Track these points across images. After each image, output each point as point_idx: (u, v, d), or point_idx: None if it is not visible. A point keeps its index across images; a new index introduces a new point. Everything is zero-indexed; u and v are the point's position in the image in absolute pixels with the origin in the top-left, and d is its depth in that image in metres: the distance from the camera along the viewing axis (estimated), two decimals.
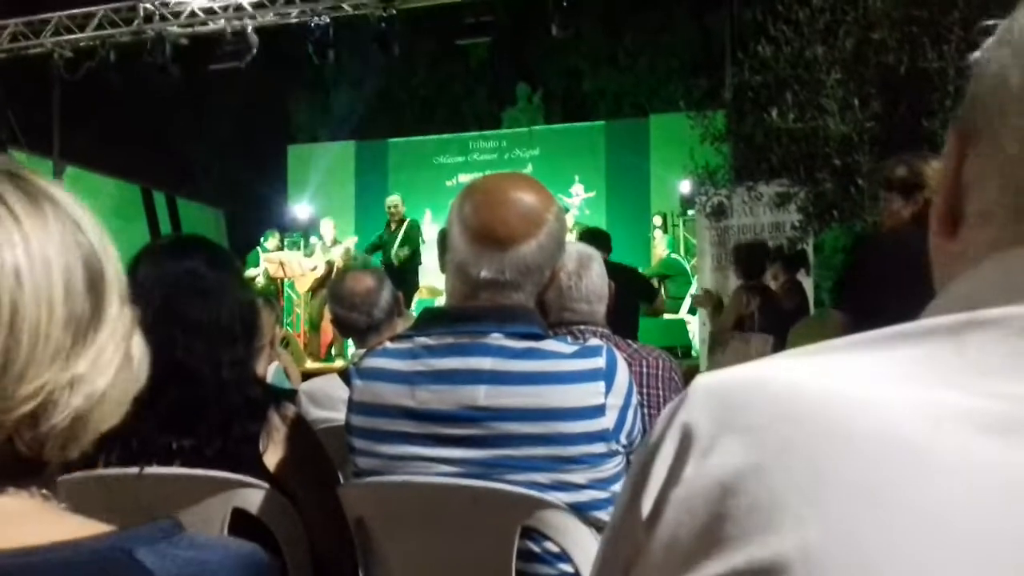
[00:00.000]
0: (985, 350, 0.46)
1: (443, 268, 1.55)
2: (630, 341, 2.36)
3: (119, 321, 0.69)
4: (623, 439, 1.47)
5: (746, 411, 0.48)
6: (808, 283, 5.50)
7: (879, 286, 2.63)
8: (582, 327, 2.13)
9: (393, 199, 9.63)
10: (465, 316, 1.48)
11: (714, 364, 5.34)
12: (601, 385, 1.42)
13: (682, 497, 0.48)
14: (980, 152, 0.53)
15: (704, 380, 0.51)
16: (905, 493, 0.42)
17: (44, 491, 0.66)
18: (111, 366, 0.67)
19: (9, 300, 0.61)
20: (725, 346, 5.01)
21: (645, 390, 2.19)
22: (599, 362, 1.44)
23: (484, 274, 1.45)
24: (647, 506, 0.50)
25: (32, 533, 0.62)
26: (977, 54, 0.57)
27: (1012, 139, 0.50)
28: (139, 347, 0.72)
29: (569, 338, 1.52)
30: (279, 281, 9.79)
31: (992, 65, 0.53)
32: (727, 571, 0.44)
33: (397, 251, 9.03)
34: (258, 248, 10.18)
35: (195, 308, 1.59)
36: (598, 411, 1.42)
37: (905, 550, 0.41)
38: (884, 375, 0.46)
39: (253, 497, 1.58)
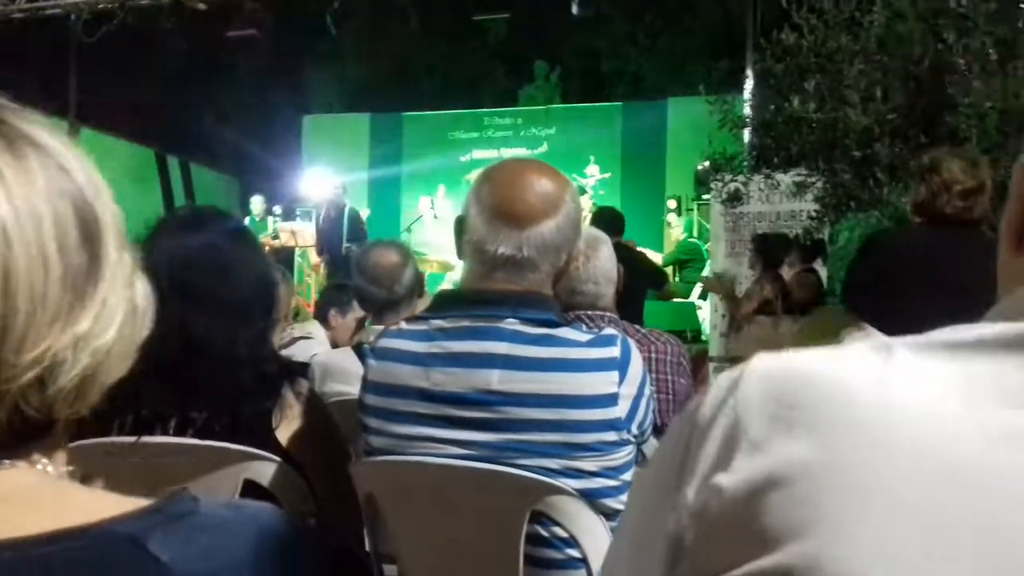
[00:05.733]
0: None
1: (460, 254, 1.55)
2: (639, 326, 2.37)
3: (119, 268, 0.62)
4: (634, 429, 1.47)
5: (800, 408, 0.47)
6: (823, 273, 5.48)
7: (881, 283, 2.63)
8: (590, 312, 2.14)
9: None
10: (481, 300, 1.48)
11: (733, 348, 5.34)
12: (615, 375, 1.43)
13: (728, 486, 0.47)
14: None
15: (760, 366, 0.50)
16: (955, 514, 0.41)
17: (45, 459, 0.61)
18: (115, 319, 0.61)
19: (0, 264, 0.56)
20: (748, 328, 5.00)
21: (654, 375, 2.20)
22: (614, 351, 1.44)
23: (502, 251, 1.45)
24: (692, 490, 0.49)
25: (33, 518, 0.56)
26: None
27: None
28: (143, 294, 0.65)
29: (584, 326, 1.52)
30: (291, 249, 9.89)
31: None
32: (764, 568, 0.44)
33: None
34: (249, 217, 10.31)
35: (214, 283, 1.60)
36: (611, 400, 1.42)
37: (948, 572, 0.41)
38: (945, 388, 0.45)
39: (264, 470, 1.59)
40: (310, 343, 3.34)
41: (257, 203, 10.56)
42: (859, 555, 0.42)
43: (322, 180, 11.10)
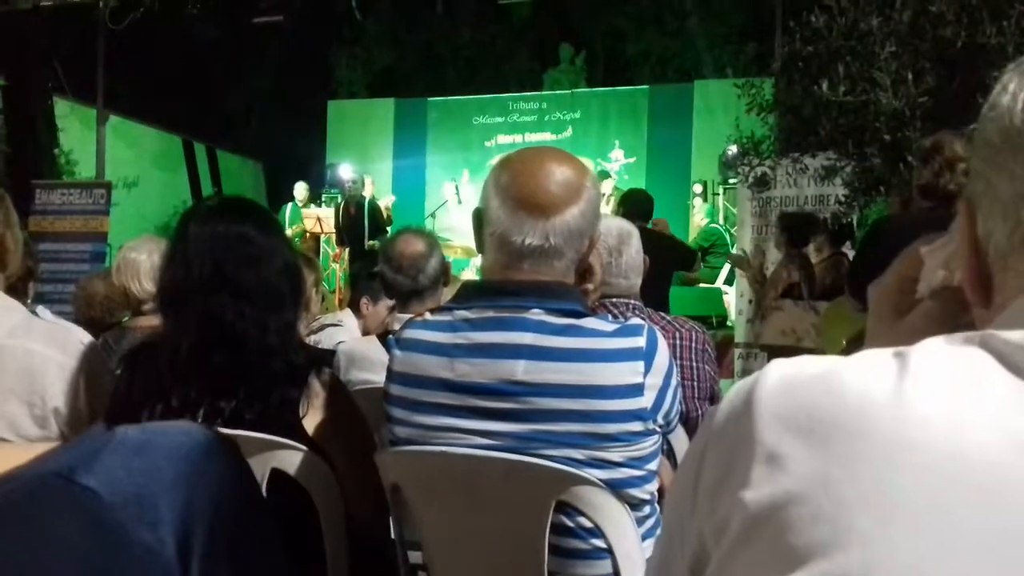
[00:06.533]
0: None
1: (480, 247, 1.54)
2: (663, 313, 2.37)
3: None
4: (660, 419, 1.47)
5: (818, 420, 0.46)
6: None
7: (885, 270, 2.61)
8: (615, 299, 2.15)
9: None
10: (506, 291, 1.48)
11: (759, 331, 5.30)
12: (640, 365, 1.42)
13: (751, 502, 0.47)
14: (983, 208, 0.55)
15: (775, 375, 0.50)
16: (976, 517, 0.41)
17: None
18: None
19: None
20: (774, 313, 4.96)
21: (678, 362, 2.20)
22: (639, 341, 1.43)
23: (528, 241, 1.44)
24: (710, 504, 0.49)
25: None
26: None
27: (1004, 180, 0.52)
28: None
29: (609, 316, 1.51)
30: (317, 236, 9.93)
31: (981, 133, 0.57)
32: None
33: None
34: (291, 203, 10.33)
35: (246, 274, 1.61)
36: (636, 390, 1.42)
37: (970, 574, 0.41)
38: (964, 396, 0.45)
39: (291, 459, 1.60)
40: (338, 330, 3.36)
41: (300, 189, 10.50)
42: (884, 569, 0.42)
43: (346, 166, 11.14)
